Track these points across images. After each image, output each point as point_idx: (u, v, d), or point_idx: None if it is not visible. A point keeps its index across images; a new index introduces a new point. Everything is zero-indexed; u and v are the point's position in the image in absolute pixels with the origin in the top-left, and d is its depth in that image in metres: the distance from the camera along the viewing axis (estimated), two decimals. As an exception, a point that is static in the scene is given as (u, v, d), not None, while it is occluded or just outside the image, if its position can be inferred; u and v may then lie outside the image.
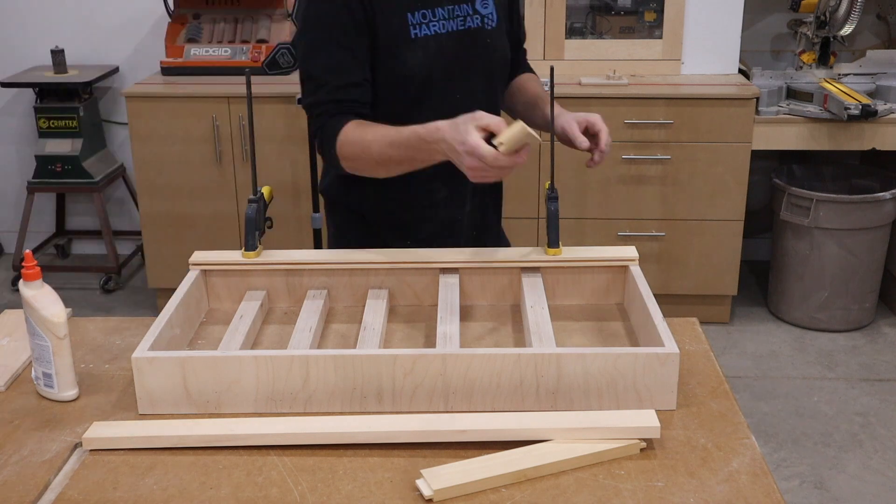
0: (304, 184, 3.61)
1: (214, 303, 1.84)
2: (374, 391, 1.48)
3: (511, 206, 3.68)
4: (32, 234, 4.31)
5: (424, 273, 1.82)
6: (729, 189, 3.62)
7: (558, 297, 1.82)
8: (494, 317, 1.80)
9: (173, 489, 1.33)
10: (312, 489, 1.32)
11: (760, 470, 1.35)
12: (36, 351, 1.54)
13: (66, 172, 4.07)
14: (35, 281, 1.53)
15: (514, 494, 1.31)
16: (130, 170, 4.21)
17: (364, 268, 1.82)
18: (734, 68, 3.77)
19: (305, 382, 1.48)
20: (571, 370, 1.47)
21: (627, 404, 1.48)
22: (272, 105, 3.59)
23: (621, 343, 1.68)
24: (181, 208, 3.75)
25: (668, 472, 1.35)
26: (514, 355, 1.47)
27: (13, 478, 1.36)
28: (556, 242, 1.81)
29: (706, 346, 1.72)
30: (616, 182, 3.62)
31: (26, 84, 4.07)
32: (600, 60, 3.72)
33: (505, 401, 1.49)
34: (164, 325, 1.57)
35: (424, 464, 1.36)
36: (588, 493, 1.31)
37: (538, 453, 1.36)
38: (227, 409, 1.50)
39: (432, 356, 1.47)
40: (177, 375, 1.48)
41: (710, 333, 1.79)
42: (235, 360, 1.48)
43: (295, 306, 1.82)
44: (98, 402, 1.55)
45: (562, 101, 3.48)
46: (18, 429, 1.48)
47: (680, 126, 3.55)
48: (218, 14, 3.94)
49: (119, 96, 4.18)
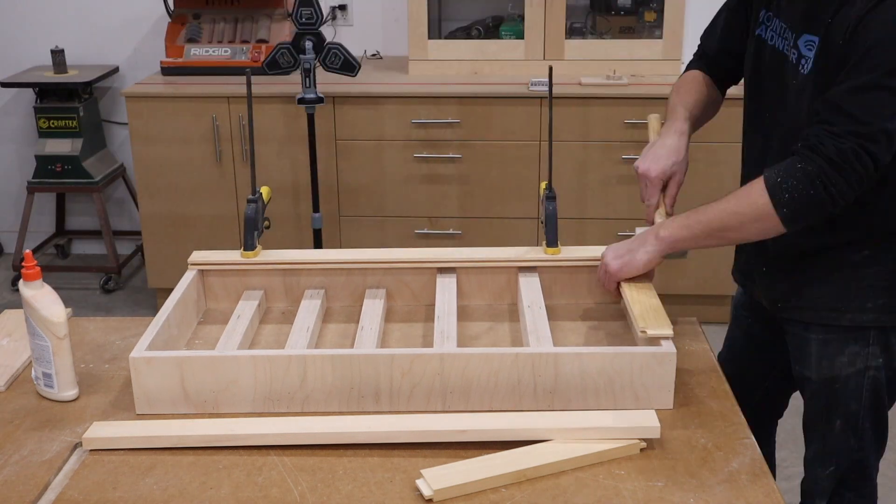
0: (304, 184, 3.61)
1: (212, 303, 1.84)
2: (371, 391, 1.49)
3: (511, 206, 3.69)
4: (32, 234, 4.30)
5: (422, 272, 1.82)
6: (729, 189, 3.61)
7: (556, 297, 1.82)
8: (492, 316, 1.80)
9: (173, 489, 1.33)
10: (312, 489, 1.32)
11: (760, 470, 1.35)
12: (36, 351, 1.54)
13: (66, 172, 4.07)
14: (35, 281, 1.53)
15: (514, 494, 1.31)
16: (130, 170, 4.20)
17: (361, 267, 1.82)
18: (734, 68, 3.76)
19: (303, 382, 1.48)
20: (569, 369, 1.47)
21: (625, 403, 1.48)
22: (272, 105, 3.59)
23: (619, 343, 1.67)
24: (181, 208, 3.75)
25: (668, 472, 1.35)
26: (511, 355, 1.47)
27: (13, 478, 1.36)
28: (555, 242, 1.81)
29: (706, 346, 1.72)
30: (616, 182, 3.62)
31: (26, 84, 4.07)
32: (600, 60, 3.71)
33: (502, 400, 1.49)
34: (161, 325, 1.57)
35: (424, 464, 1.36)
36: (588, 493, 1.31)
37: (538, 453, 1.36)
38: (225, 408, 1.50)
39: (430, 356, 1.47)
40: (174, 375, 1.48)
41: (710, 333, 1.79)
42: (233, 359, 1.48)
43: (292, 306, 1.82)
44: (98, 402, 1.55)
45: (562, 100, 3.51)
46: (18, 429, 1.48)
47: (680, 126, 3.55)
48: (218, 14, 3.93)
49: (119, 96, 4.17)
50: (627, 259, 1.67)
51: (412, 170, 3.63)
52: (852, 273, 1.63)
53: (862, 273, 1.62)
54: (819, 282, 1.66)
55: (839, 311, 1.64)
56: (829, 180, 1.47)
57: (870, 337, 1.64)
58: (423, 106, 3.54)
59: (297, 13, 3.29)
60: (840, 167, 1.46)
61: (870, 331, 1.64)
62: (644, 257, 1.66)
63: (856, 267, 1.62)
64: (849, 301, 1.63)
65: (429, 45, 3.73)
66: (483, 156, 3.59)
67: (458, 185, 3.64)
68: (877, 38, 1.45)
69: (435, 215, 3.69)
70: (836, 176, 1.47)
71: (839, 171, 1.46)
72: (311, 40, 3.28)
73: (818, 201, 1.49)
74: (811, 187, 1.48)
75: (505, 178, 3.61)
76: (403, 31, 3.86)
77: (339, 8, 4.10)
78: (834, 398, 1.69)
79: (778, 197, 1.51)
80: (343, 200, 3.70)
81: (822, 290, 1.65)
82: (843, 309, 1.64)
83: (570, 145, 3.55)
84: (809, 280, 1.67)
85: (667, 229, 1.66)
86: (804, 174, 1.48)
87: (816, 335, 1.68)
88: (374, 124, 3.58)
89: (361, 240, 3.72)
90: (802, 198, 1.49)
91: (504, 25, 3.82)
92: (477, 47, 3.75)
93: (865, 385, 1.67)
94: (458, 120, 3.55)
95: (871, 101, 1.45)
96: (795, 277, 1.69)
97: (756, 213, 1.54)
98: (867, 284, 1.62)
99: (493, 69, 3.73)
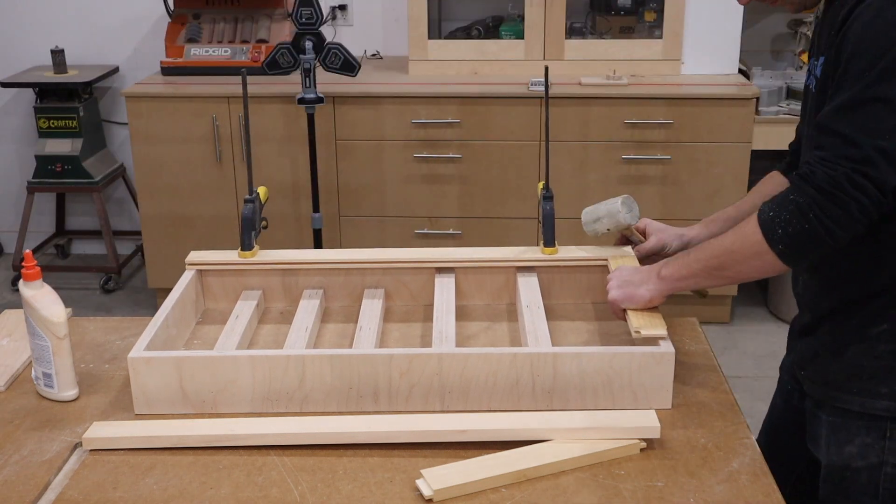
0: (303, 184, 3.61)
1: (210, 303, 1.84)
2: (370, 391, 1.49)
3: (511, 206, 3.69)
4: (32, 234, 4.30)
5: (420, 272, 1.82)
6: (729, 189, 3.61)
7: (554, 297, 1.82)
8: (490, 316, 1.80)
9: (173, 489, 1.33)
10: (312, 489, 1.32)
11: (760, 470, 1.35)
12: (36, 351, 1.54)
13: (66, 172, 4.07)
14: (35, 281, 1.53)
15: (514, 494, 1.31)
16: (130, 170, 4.20)
17: (360, 267, 1.82)
18: (734, 68, 3.76)
19: (301, 382, 1.48)
20: (567, 369, 1.47)
21: (623, 403, 1.48)
22: (272, 105, 3.59)
23: (617, 342, 1.67)
24: (181, 208, 3.75)
25: (668, 472, 1.35)
26: (510, 354, 1.47)
27: (13, 478, 1.36)
28: (552, 242, 1.81)
29: (706, 346, 1.72)
30: (616, 182, 3.61)
31: (26, 84, 4.07)
32: (600, 60, 3.71)
33: (501, 400, 1.49)
34: (160, 326, 1.57)
35: (424, 464, 1.36)
36: (588, 493, 1.31)
37: (538, 453, 1.36)
38: (224, 408, 1.50)
39: (428, 356, 1.47)
40: (173, 375, 1.48)
41: (710, 333, 1.78)
42: (231, 359, 1.48)
43: (291, 306, 1.82)
44: (98, 402, 1.55)
45: (562, 100, 3.51)
46: (18, 429, 1.48)
47: (680, 126, 3.55)
48: (218, 14, 3.93)
49: (119, 96, 4.17)
50: (629, 292, 1.58)
51: (412, 170, 3.63)
52: (868, 349, 1.45)
53: (879, 350, 1.44)
54: (832, 354, 1.49)
55: (850, 392, 1.46)
56: (824, 212, 1.33)
57: (886, 429, 1.44)
58: (423, 106, 3.54)
59: (297, 13, 3.29)
60: (834, 197, 1.32)
61: (886, 421, 1.44)
62: (646, 295, 1.57)
63: (872, 341, 1.44)
64: (860, 381, 1.45)
65: (429, 45, 3.73)
66: (483, 156, 3.59)
67: (458, 185, 3.64)
68: (856, 43, 1.32)
69: (435, 215, 3.69)
70: (830, 207, 1.33)
71: (833, 202, 1.32)
72: (311, 40, 3.28)
73: (814, 236, 1.35)
74: (805, 221, 1.34)
75: (505, 178, 3.61)
76: (403, 31, 3.86)
77: (339, 8, 4.10)
78: (844, 490, 1.51)
79: (771, 234, 1.38)
80: (343, 200, 3.70)
81: (834, 364, 1.49)
82: (855, 391, 1.46)
83: (570, 145, 3.55)
84: (824, 349, 1.51)
85: (668, 268, 1.56)
86: (797, 207, 1.35)
87: (826, 415, 1.51)
88: (374, 124, 3.58)
89: (361, 240, 3.72)
90: (797, 233, 1.35)
91: (504, 25, 3.82)
92: (477, 47, 3.75)
93: (883, 483, 1.46)
94: (458, 120, 3.55)
95: (861, 118, 1.31)
96: (813, 342, 1.54)
97: (751, 250, 1.41)
98: (884, 365, 1.44)
99: (493, 69, 3.74)
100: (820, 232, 1.34)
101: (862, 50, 1.32)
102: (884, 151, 1.30)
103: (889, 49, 1.30)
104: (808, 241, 1.36)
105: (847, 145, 1.32)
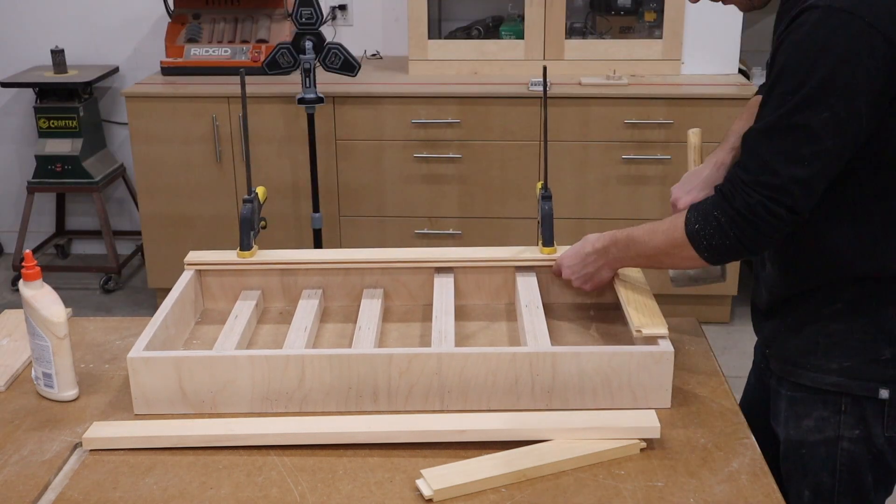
0: (303, 184, 3.61)
1: (209, 303, 1.84)
2: (369, 390, 1.49)
3: (511, 206, 3.69)
4: (32, 234, 4.30)
5: (419, 272, 1.82)
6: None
7: (553, 296, 1.82)
8: (489, 316, 1.80)
9: (173, 489, 1.33)
10: (312, 489, 1.32)
11: (760, 470, 1.36)
12: (36, 351, 1.54)
13: (66, 172, 4.07)
14: (35, 281, 1.53)
15: (514, 494, 1.31)
16: (130, 170, 4.20)
17: (359, 267, 1.82)
18: (734, 68, 3.76)
19: (301, 382, 1.48)
20: (566, 369, 1.47)
21: (622, 403, 1.49)
22: (272, 105, 3.59)
23: (616, 342, 1.67)
24: (181, 208, 3.75)
25: (668, 472, 1.35)
26: (509, 354, 1.47)
27: (13, 478, 1.36)
28: (551, 241, 1.81)
29: (706, 345, 1.72)
30: (616, 182, 3.62)
31: (26, 84, 4.07)
32: (600, 60, 3.71)
33: (500, 399, 1.49)
34: (159, 326, 1.57)
35: (424, 464, 1.36)
36: (588, 493, 1.31)
37: (538, 453, 1.36)
38: (223, 408, 1.50)
39: (427, 355, 1.47)
40: (172, 375, 1.48)
41: (710, 333, 1.79)
42: (231, 359, 1.48)
43: (290, 306, 1.82)
44: (98, 401, 1.55)
45: (562, 100, 3.51)
46: (18, 429, 1.48)
47: (680, 126, 3.55)
48: (218, 14, 3.93)
49: (119, 96, 4.17)
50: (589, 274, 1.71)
51: (412, 170, 3.63)
52: (821, 327, 1.51)
53: (831, 328, 1.50)
54: (790, 332, 1.56)
55: (805, 367, 1.53)
56: (742, 232, 1.43)
57: (841, 403, 1.50)
58: (423, 106, 3.54)
59: (297, 13, 3.30)
60: (750, 221, 1.41)
61: (841, 396, 1.50)
62: (608, 275, 1.71)
63: (826, 320, 1.51)
64: (815, 358, 1.51)
65: (429, 45, 3.73)
66: (483, 156, 3.59)
67: (458, 185, 3.64)
68: (784, 61, 1.37)
69: (435, 215, 3.69)
70: (747, 228, 1.42)
71: (749, 225, 1.42)
72: (311, 40, 3.28)
73: (736, 250, 1.46)
74: (726, 238, 1.44)
75: (505, 178, 3.61)
76: (403, 31, 3.86)
77: (339, 8, 4.10)
78: (801, 465, 1.56)
79: (697, 244, 1.48)
80: (343, 200, 3.70)
81: (792, 341, 1.55)
82: (809, 366, 1.52)
83: (570, 145, 3.55)
84: (785, 327, 1.57)
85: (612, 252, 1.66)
86: (718, 224, 1.45)
87: (785, 391, 1.57)
88: (374, 124, 3.58)
89: (361, 240, 3.72)
90: (721, 246, 1.46)
91: (504, 25, 3.83)
92: (477, 47, 3.75)
93: (840, 458, 1.52)
94: (458, 120, 3.55)
95: (781, 144, 1.37)
96: (774, 322, 1.60)
97: (682, 254, 1.52)
98: (834, 342, 1.50)
99: (492, 69, 3.74)
100: (740, 247, 1.45)
101: (789, 71, 1.37)
102: (798, 180, 1.38)
103: (812, 74, 1.33)
104: (731, 253, 1.47)
105: (765, 173, 1.39)
